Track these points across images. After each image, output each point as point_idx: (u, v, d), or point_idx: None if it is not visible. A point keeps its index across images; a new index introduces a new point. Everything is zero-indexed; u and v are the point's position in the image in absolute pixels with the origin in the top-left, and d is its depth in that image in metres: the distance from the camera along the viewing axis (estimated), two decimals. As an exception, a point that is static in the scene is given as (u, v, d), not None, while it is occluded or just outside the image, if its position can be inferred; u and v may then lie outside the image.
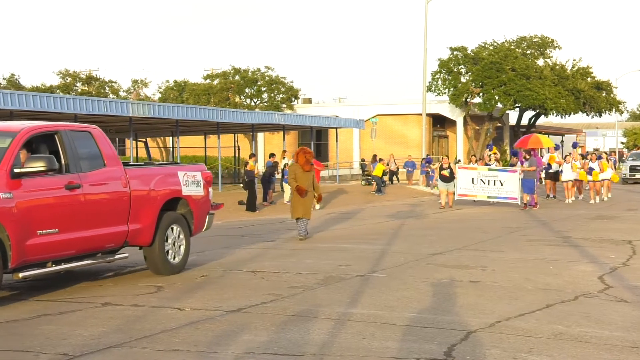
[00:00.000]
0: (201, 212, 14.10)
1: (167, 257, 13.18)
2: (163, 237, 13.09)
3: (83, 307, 10.38)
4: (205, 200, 14.21)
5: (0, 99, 26.36)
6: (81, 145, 11.94)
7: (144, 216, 12.72)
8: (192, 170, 14.11)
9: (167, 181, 13.38)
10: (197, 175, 14.03)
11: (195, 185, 13.89)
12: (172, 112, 33.77)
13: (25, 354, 7.85)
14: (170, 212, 13.40)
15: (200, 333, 8.74)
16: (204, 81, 65.43)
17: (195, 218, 13.92)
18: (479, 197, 30.82)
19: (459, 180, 30.88)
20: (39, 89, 61.92)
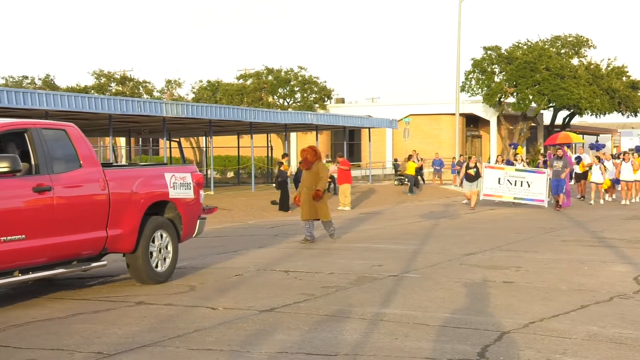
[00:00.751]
0: (191, 216, 13.20)
1: (152, 264, 12.28)
2: (147, 243, 12.19)
3: (117, 306, 10.45)
4: (195, 203, 13.32)
5: (36, 99, 26.61)
6: (54, 144, 11.07)
7: (125, 221, 11.81)
8: (180, 171, 13.23)
9: (152, 183, 12.48)
10: (186, 177, 13.12)
11: (184, 187, 12.99)
12: (205, 112, 33.88)
13: (61, 353, 7.91)
14: (155, 217, 12.49)
15: (234, 332, 8.76)
16: (237, 81, 65.60)
17: (184, 223, 13.00)
18: (505, 197, 30.19)
19: (485, 180, 30.29)
20: (73, 90, 62.39)
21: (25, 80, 65.42)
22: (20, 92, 27.01)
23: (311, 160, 18.17)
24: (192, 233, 13.36)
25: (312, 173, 18.12)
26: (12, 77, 65.34)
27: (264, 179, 49.70)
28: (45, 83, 64.76)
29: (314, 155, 18.21)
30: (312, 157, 18.16)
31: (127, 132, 45.71)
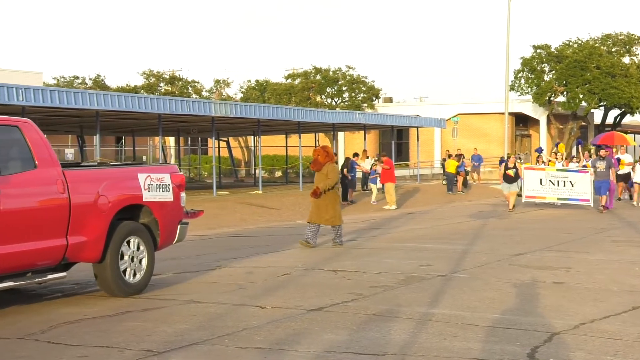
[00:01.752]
0: (169, 221, 11.97)
1: (123, 274, 11.14)
2: (117, 251, 11.03)
3: (167, 304, 10.53)
4: (174, 207, 12.07)
5: (87, 99, 26.89)
6: (3, 142, 10.09)
7: (89, 227, 10.60)
8: (157, 172, 11.95)
9: (123, 185, 11.31)
10: (164, 178, 11.87)
11: (161, 189, 11.75)
12: (253, 111, 34.00)
13: (111, 350, 7.99)
14: (127, 222, 11.32)
15: (282, 331, 8.78)
16: (286, 81, 65.77)
17: (161, 228, 11.78)
18: (549, 198, 29.42)
19: (526, 181, 29.59)
20: (123, 89, 63.00)
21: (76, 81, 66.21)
22: (72, 92, 27.31)
23: (322, 161, 17.43)
24: (172, 240, 12.19)
25: (322, 175, 17.36)
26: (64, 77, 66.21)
27: (312, 179, 49.68)
28: (96, 83, 65.47)
29: (326, 157, 17.48)
30: (324, 159, 17.44)
31: (176, 132, 46.03)
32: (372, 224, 24.08)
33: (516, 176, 28.66)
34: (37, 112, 28.93)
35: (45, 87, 33.19)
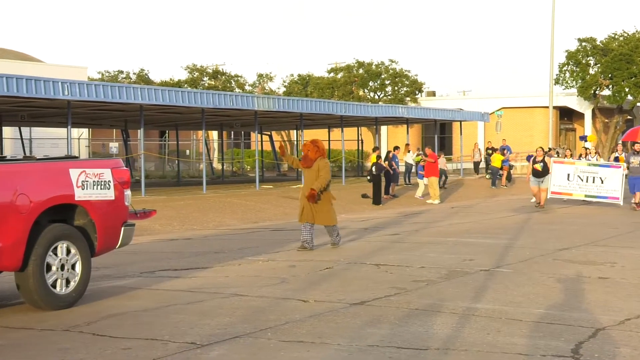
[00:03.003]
0: (110, 222, 10.62)
1: (50, 285, 9.82)
2: (41, 258, 9.70)
3: (210, 297, 10.58)
4: (117, 206, 10.72)
5: (131, 93, 27.09)
6: None
7: (5, 231, 9.32)
8: (95, 166, 10.57)
9: (49, 182, 9.96)
10: (103, 174, 10.54)
11: (99, 187, 10.42)
12: (296, 105, 34.05)
13: (154, 342, 8.05)
14: (56, 225, 9.98)
15: (324, 325, 8.79)
16: (328, 75, 65.75)
17: (99, 231, 10.43)
18: (575, 195, 27.90)
19: (553, 176, 27.68)
20: (167, 84, 63.40)
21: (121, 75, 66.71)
22: (116, 86, 27.54)
23: (312, 157, 15.97)
24: (114, 244, 10.82)
25: (313, 172, 15.91)
26: (108, 72, 66.73)
27: (355, 173, 49.71)
28: (140, 77, 65.92)
29: (317, 152, 16.00)
30: (314, 154, 15.97)
31: (219, 126, 46.22)
32: (415, 218, 24.03)
33: (545, 171, 26.89)
34: (82, 107, 29.23)
35: (90, 81, 33.46)
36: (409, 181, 37.80)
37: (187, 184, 39.82)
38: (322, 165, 15.94)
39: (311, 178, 15.90)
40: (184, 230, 20.93)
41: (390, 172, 32.31)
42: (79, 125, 42.73)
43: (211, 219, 23.39)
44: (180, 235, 19.75)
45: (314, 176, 15.85)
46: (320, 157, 16.01)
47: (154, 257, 15.08)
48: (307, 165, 15.99)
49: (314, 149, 16.01)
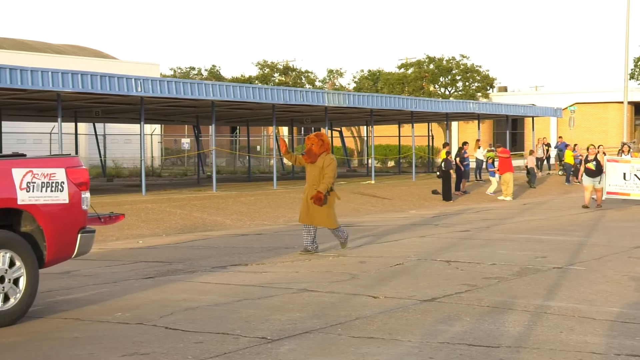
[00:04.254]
0: (62, 229, 9.35)
1: None
2: None
3: (280, 292, 10.63)
4: (72, 211, 9.47)
5: (202, 89, 27.34)
6: None
7: None
8: (44, 166, 9.29)
9: None
10: (55, 174, 9.30)
11: (49, 189, 9.19)
12: (366, 101, 34.03)
13: (226, 337, 8.11)
14: None
15: (395, 321, 8.77)
16: (399, 70, 65.58)
17: (49, 239, 9.19)
18: (633, 195, 26.24)
19: (608, 175, 26.21)
20: (238, 80, 63.86)
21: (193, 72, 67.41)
22: (188, 82, 27.81)
23: (317, 152, 14.64)
24: (69, 252, 9.59)
25: (316, 168, 14.61)
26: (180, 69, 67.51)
27: (425, 168, 49.51)
28: (212, 74, 66.51)
29: (321, 146, 14.67)
30: (319, 148, 14.64)
31: (289, 122, 46.42)
32: (486, 214, 23.85)
33: (598, 170, 25.61)
34: (155, 103, 29.58)
35: (163, 78, 33.86)
36: (480, 177, 37.52)
37: (257, 180, 40.06)
38: (328, 161, 14.61)
39: (315, 175, 14.63)
40: (254, 226, 21.06)
41: (461, 169, 32.11)
42: (151, 122, 43.26)
43: (281, 215, 23.50)
44: (251, 230, 19.89)
45: (318, 173, 14.59)
46: (325, 152, 14.71)
47: (225, 252, 15.20)
48: (311, 160, 14.67)
49: (318, 142, 14.68)
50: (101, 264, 13.93)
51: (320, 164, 14.53)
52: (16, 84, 22.32)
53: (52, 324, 8.85)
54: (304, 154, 14.68)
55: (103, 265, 13.74)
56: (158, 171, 47.99)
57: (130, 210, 21.67)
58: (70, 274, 12.69)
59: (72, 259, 9.99)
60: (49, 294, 10.82)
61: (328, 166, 14.51)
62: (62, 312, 9.49)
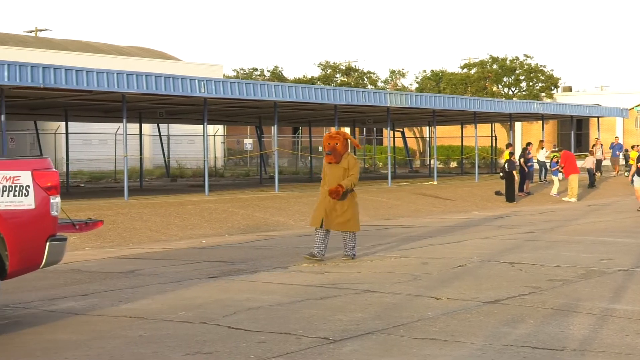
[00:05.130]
0: (27, 237, 8.55)
1: None
2: None
3: (342, 293, 10.63)
4: (39, 217, 8.65)
5: (265, 90, 27.47)
6: None
7: None
8: (6, 168, 8.48)
9: None
10: (19, 177, 8.48)
11: (12, 193, 8.39)
12: (429, 101, 33.88)
13: (288, 337, 8.14)
14: None
15: (457, 323, 8.72)
16: (461, 70, 65.17)
17: (11, 247, 8.34)
18: None
19: None
20: (300, 81, 63.98)
21: (255, 72, 67.71)
22: (251, 83, 27.95)
23: (341, 151, 13.63)
24: (36, 262, 8.78)
25: (340, 168, 13.65)
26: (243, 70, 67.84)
27: (488, 169, 49.12)
28: (274, 75, 66.75)
29: (345, 145, 13.70)
30: (343, 148, 13.62)
31: (351, 122, 46.40)
32: (550, 215, 23.59)
33: None
34: (218, 104, 29.78)
35: (226, 79, 34.08)
36: (544, 178, 37.13)
37: (319, 180, 39.96)
38: (353, 162, 13.75)
39: (338, 176, 13.64)
40: (316, 226, 21.08)
41: (525, 169, 31.82)
42: (214, 122, 43.57)
43: (343, 215, 23.48)
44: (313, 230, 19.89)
45: (342, 174, 13.62)
46: (347, 152, 13.77)
47: (287, 252, 15.25)
48: (336, 160, 13.60)
49: (343, 141, 13.63)
50: (165, 263, 14.07)
51: (344, 164, 13.62)
52: (82, 85, 22.65)
53: (116, 322, 8.97)
54: (328, 153, 13.61)
55: (167, 264, 13.88)
56: (221, 171, 48.33)
57: (194, 210, 21.86)
58: (134, 273, 12.84)
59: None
60: (114, 292, 10.96)
61: (354, 167, 13.69)
62: (127, 311, 9.61)
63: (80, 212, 19.93)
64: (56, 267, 13.37)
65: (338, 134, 13.74)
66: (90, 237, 17.74)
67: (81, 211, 20.19)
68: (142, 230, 19.04)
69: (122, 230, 18.72)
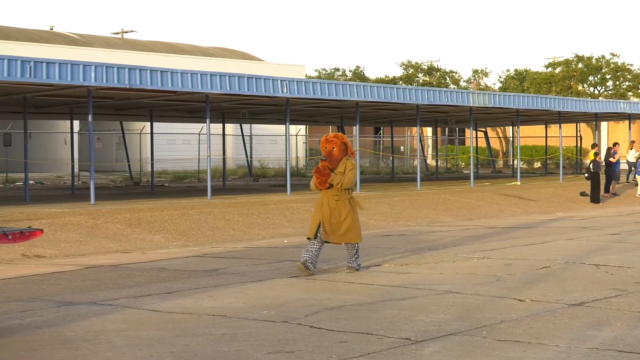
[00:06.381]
0: None
1: None
2: None
3: (424, 293, 10.58)
4: None
5: (347, 90, 27.51)
6: None
7: None
8: None
9: None
10: None
11: None
12: (512, 101, 33.55)
13: (369, 337, 8.12)
14: None
15: (541, 325, 8.60)
16: (546, 70, 64.35)
17: None
18: None
19: None
20: (382, 80, 63.91)
21: (337, 72, 67.85)
22: (333, 83, 28.03)
23: (338, 156, 12.37)
24: None
25: (337, 175, 12.31)
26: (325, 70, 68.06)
27: (572, 170, 48.40)
28: (356, 74, 66.81)
29: (343, 151, 12.42)
30: (340, 153, 12.38)
31: (433, 122, 46.18)
32: (636, 217, 23.14)
33: None
34: (300, 104, 29.92)
35: (308, 79, 34.23)
36: (632, 179, 36.42)
37: (401, 180, 40.01)
38: (350, 166, 12.42)
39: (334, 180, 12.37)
40: (397, 226, 21.04)
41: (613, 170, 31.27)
42: (296, 122, 43.81)
43: (425, 215, 23.40)
44: (394, 230, 19.87)
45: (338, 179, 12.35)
46: (346, 156, 12.48)
47: (368, 252, 15.23)
48: (332, 166, 12.37)
49: (340, 145, 12.40)
50: (247, 262, 14.19)
51: (341, 169, 12.32)
52: (167, 86, 22.98)
53: (199, 320, 9.06)
54: (324, 159, 12.36)
55: (249, 263, 13.99)
56: (302, 171, 48.54)
57: (276, 209, 22.00)
58: (217, 271, 12.97)
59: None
60: (197, 291, 11.08)
61: (350, 170, 12.36)
62: (210, 309, 9.70)
63: (165, 211, 20.23)
64: (143, 265, 13.65)
65: (335, 138, 12.47)
66: (175, 235, 17.99)
67: (165, 210, 20.50)
68: (225, 229, 19.22)
69: (205, 230, 18.93)
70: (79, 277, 12.60)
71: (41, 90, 23.70)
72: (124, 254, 15.75)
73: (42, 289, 11.49)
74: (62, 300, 10.41)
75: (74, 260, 14.90)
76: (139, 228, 18.36)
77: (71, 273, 13.09)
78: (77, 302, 10.27)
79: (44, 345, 7.88)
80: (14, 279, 12.46)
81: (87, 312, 9.57)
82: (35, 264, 14.35)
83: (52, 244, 16.33)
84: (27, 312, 9.62)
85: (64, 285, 11.82)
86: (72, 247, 16.37)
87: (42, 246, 16.01)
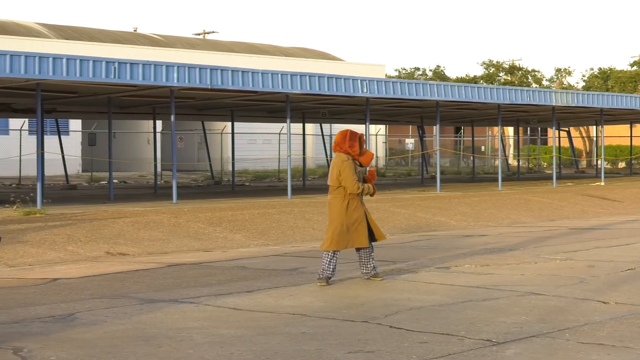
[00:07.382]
0: None
1: None
2: None
3: (505, 295, 10.46)
4: None
5: (427, 90, 27.40)
6: None
7: None
8: None
9: None
10: None
11: None
12: (596, 100, 33.03)
13: (450, 337, 8.07)
14: None
15: (626, 328, 8.44)
16: (631, 68, 63.18)
17: None
18: None
19: None
20: (463, 80, 63.53)
21: (417, 72, 67.63)
22: (413, 83, 27.95)
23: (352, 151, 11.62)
24: None
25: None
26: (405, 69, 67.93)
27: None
28: (436, 74, 66.53)
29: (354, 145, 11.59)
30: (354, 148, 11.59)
31: (515, 122, 45.70)
32: None
33: None
34: (380, 103, 29.89)
35: (388, 79, 34.18)
36: None
37: (481, 180, 39.69)
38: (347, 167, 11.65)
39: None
40: (478, 227, 20.86)
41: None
42: (376, 122, 43.76)
43: (506, 216, 23.17)
44: (475, 231, 19.70)
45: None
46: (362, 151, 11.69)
47: (448, 253, 15.15)
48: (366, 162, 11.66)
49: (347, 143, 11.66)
50: (327, 261, 14.18)
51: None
52: (247, 86, 23.17)
53: (279, 319, 9.11)
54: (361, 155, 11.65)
55: (329, 263, 13.99)
56: (382, 171, 48.48)
57: (355, 209, 21.97)
58: (297, 270, 13.03)
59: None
60: (277, 289, 11.14)
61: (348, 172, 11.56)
62: (289, 308, 9.74)
63: (245, 210, 20.41)
64: (224, 264, 13.78)
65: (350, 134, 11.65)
66: (255, 234, 18.12)
67: (246, 209, 20.68)
68: (305, 228, 19.29)
69: (285, 229, 19.02)
70: (162, 275, 12.78)
71: (125, 90, 24.11)
72: (205, 253, 15.91)
73: (125, 286, 11.68)
74: (145, 298, 10.57)
75: (157, 258, 15.11)
76: (220, 227, 18.53)
77: (154, 271, 13.28)
78: (160, 299, 10.43)
79: (128, 342, 8.01)
80: (99, 277, 12.69)
81: (169, 310, 9.70)
82: (119, 262, 14.60)
83: (136, 242, 16.59)
84: (111, 309, 9.79)
85: (147, 282, 12.01)
86: (154, 245, 16.60)
87: (126, 244, 16.28)
